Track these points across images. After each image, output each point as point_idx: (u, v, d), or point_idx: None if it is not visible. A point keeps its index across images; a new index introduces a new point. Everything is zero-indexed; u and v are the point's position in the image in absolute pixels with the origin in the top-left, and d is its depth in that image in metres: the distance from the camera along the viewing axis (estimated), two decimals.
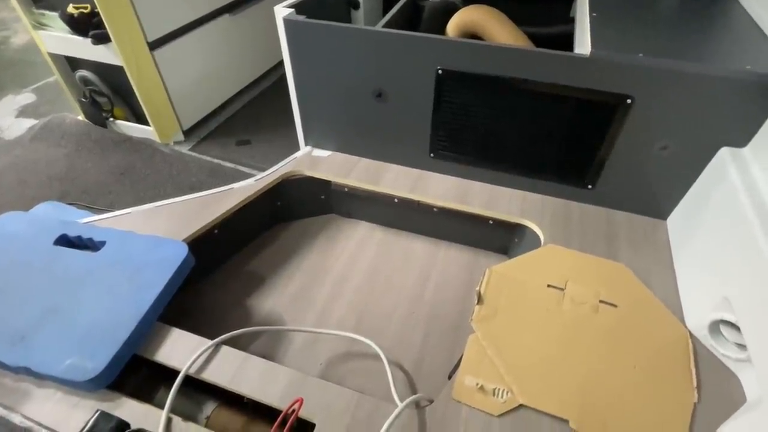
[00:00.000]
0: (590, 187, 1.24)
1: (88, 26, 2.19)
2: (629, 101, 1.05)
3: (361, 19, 1.96)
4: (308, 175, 1.40)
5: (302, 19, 1.21)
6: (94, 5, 2.10)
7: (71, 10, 2.20)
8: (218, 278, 1.28)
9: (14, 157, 2.47)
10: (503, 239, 1.32)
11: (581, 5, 1.37)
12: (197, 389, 0.93)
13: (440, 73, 1.16)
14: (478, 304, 0.99)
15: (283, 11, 1.23)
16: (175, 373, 0.86)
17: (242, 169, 2.45)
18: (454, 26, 1.82)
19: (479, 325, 0.95)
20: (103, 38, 2.17)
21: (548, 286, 1.03)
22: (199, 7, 2.53)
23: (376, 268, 1.32)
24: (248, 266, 1.32)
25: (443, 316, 1.18)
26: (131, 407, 0.82)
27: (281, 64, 1.44)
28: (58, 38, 2.32)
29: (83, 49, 2.28)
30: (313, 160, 1.45)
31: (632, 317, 0.97)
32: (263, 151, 2.60)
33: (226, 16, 2.73)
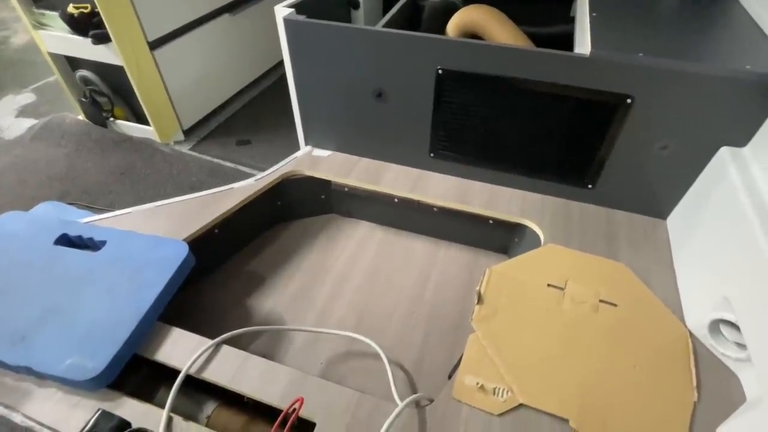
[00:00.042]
0: (590, 186, 1.24)
1: (88, 26, 2.19)
2: (629, 101, 1.05)
3: (361, 18, 1.96)
4: (308, 174, 1.40)
5: (302, 18, 1.21)
6: (94, 5, 2.10)
7: (71, 9, 2.20)
8: (218, 278, 1.28)
9: (14, 157, 2.47)
10: (503, 239, 1.32)
11: (581, 5, 1.37)
12: (198, 389, 0.93)
13: (440, 72, 1.16)
14: (478, 303, 0.99)
15: (283, 11, 1.23)
16: (175, 372, 0.86)
17: (242, 168, 2.45)
18: (454, 26, 1.82)
19: (479, 324, 0.95)
20: (103, 38, 2.17)
21: (548, 285, 1.03)
22: (199, 7, 2.53)
23: (376, 267, 1.32)
24: (248, 266, 1.32)
25: (443, 315, 1.18)
26: (132, 407, 0.82)
27: (281, 64, 1.44)
28: (58, 38, 2.32)
29: (83, 48, 2.28)
30: (313, 159, 1.45)
31: (632, 317, 0.97)
32: (263, 150, 2.60)
33: (226, 15, 2.73)
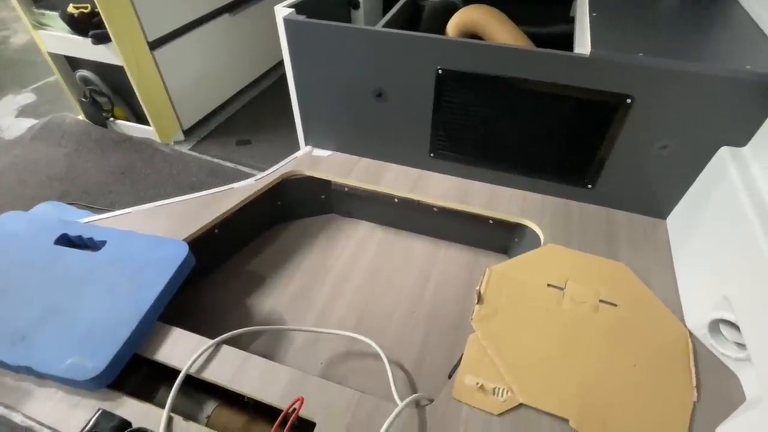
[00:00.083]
0: (590, 186, 1.24)
1: (88, 26, 2.19)
2: (629, 101, 1.05)
3: (361, 18, 1.96)
4: (308, 174, 1.40)
5: (302, 18, 1.21)
6: (94, 5, 2.10)
7: (71, 9, 2.20)
8: (218, 278, 1.28)
9: (14, 157, 2.48)
10: (503, 239, 1.32)
11: (581, 5, 1.37)
12: (198, 389, 0.93)
13: (440, 72, 1.16)
14: (478, 303, 0.99)
15: (283, 11, 1.23)
16: (175, 372, 0.86)
17: (242, 168, 2.45)
18: (454, 26, 1.82)
19: (479, 324, 0.95)
20: (103, 38, 2.17)
21: (548, 285, 1.03)
22: (199, 6, 2.53)
23: (376, 267, 1.32)
24: (248, 266, 1.32)
25: (443, 315, 1.18)
26: (132, 406, 0.82)
27: (281, 64, 1.44)
28: (58, 38, 2.32)
29: (83, 48, 2.28)
30: (313, 159, 1.45)
31: (632, 316, 0.97)
32: (263, 151, 2.60)
33: (226, 15, 2.73)
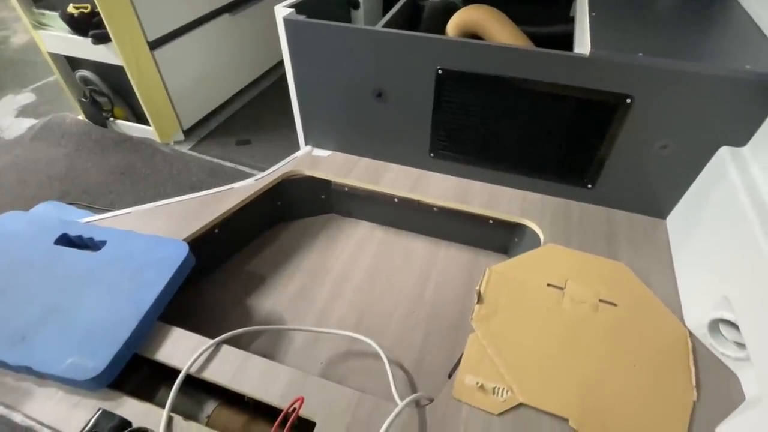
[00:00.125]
0: (590, 186, 1.24)
1: (88, 26, 2.19)
2: (629, 101, 1.05)
3: (361, 18, 1.96)
4: (308, 174, 1.40)
5: (302, 18, 1.21)
6: (94, 5, 2.10)
7: (71, 9, 2.20)
8: (218, 278, 1.28)
9: (14, 156, 2.47)
10: (503, 239, 1.32)
11: (581, 5, 1.37)
12: (198, 388, 0.93)
13: (440, 72, 1.16)
14: (478, 303, 1.00)
15: (283, 11, 1.23)
16: (175, 372, 0.86)
17: (242, 168, 2.45)
18: (454, 26, 1.82)
19: (479, 324, 0.95)
20: (103, 38, 2.17)
21: (548, 285, 1.03)
22: (199, 6, 2.53)
23: (376, 267, 1.32)
24: (248, 266, 1.33)
25: (443, 315, 1.19)
26: (132, 406, 0.82)
27: (281, 64, 1.44)
28: (58, 38, 2.32)
29: (83, 48, 2.28)
30: (313, 159, 1.45)
31: (632, 316, 0.97)
32: (263, 150, 2.60)
33: (226, 15, 2.73)
